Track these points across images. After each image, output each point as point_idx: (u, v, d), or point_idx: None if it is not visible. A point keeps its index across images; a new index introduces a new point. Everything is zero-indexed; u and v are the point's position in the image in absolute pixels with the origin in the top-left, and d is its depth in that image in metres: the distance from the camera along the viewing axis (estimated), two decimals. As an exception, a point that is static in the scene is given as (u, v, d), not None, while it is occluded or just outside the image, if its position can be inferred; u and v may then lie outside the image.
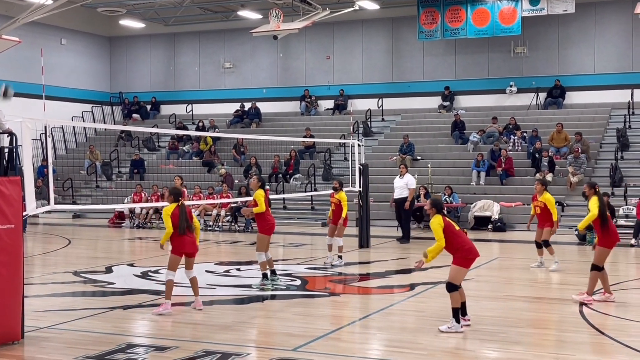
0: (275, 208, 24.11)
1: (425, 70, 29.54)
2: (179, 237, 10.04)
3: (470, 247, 8.93)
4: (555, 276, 13.39)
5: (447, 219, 8.97)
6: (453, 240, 8.85)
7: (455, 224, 9.02)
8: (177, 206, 10.06)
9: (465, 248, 8.89)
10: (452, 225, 8.93)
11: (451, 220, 9.02)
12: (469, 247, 8.92)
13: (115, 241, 20.34)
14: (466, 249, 8.89)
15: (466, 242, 8.94)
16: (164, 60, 34.02)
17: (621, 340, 8.49)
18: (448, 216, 9.08)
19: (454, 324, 8.83)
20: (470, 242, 9.00)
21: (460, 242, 8.89)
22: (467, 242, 8.95)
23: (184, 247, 10.10)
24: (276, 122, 30.64)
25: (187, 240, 10.08)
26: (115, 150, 30.17)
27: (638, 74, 26.44)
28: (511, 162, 23.67)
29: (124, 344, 8.27)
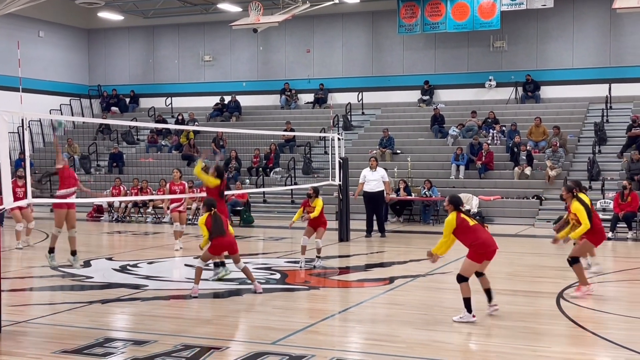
0: (255, 201, 24.14)
1: (405, 64, 29.60)
2: (216, 240, 10.72)
3: (482, 241, 9.00)
4: (533, 269, 13.49)
5: (462, 215, 9.07)
6: (466, 236, 9.02)
7: (470, 219, 9.10)
8: (209, 215, 10.78)
9: (478, 243, 8.98)
10: (465, 221, 9.04)
11: (466, 216, 9.10)
12: (481, 241, 8.99)
13: (93, 235, 20.23)
14: (478, 244, 8.98)
15: (479, 237, 9.01)
16: (143, 53, 33.82)
17: (597, 332, 8.58)
18: (465, 212, 9.15)
19: (466, 313, 8.97)
20: (484, 237, 9.05)
21: (473, 237, 9.00)
22: (480, 237, 9.02)
23: (222, 248, 10.93)
24: (256, 116, 30.59)
25: (225, 242, 10.80)
26: (94, 144, 29.98)
27: (616, 69, 26.68)
28: (491, 156, 23.79)
29: (102, 338, 8.24)
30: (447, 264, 13.76)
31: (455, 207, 9.10)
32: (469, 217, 9.16)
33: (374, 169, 18.50)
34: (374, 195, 18.42)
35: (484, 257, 9.12)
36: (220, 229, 10.70)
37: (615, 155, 23.55)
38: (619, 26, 26.78)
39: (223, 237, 10.72)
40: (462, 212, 9.12)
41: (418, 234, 19.68)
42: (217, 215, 10.80)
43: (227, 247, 10.88)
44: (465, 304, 8.99)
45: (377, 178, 18.48)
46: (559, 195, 21.43)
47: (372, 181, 18.41)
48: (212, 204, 10.95)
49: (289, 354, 7.55)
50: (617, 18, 26.26)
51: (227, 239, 10.80)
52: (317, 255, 13.72)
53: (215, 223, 10.70)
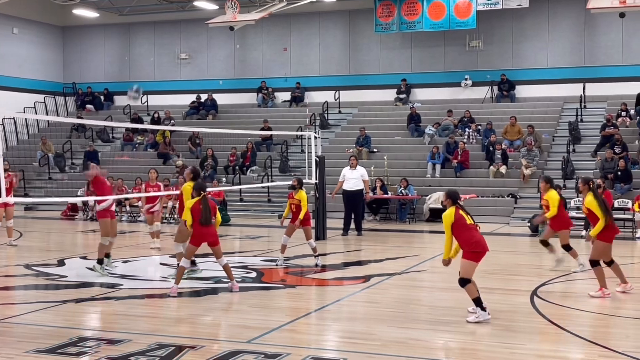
0: (231, 200, 24.07)
1: (381, 63, 29.66)
2: (200, 228, 10.48)
3: (476, 240, 8.92)
4: (508, 267, 13.58)
5: (461, 211, 8.96)
6: (462, 233, 8.91)
7: (467, 217, 8.98)
8: (198, 199, 10.48)
9: (473, 242, 8.91)
10: (463, 218, 8.94)
11: (464, 213, 8.98)
12: (475, 240, 8.92)
13: (68, 234, 20.06)
14: (472, 243, 8.91)
15: (474, 236, 8.94)
16: (118, 50, 33.59)
17: (571, 329, 8.65)
18: (463, 209, 9.03)
19: (480, 312, 8.93)
20: (479, 237, 8.97)
21: (468, 235, 8.91)
22: (475, 237, 8.94)
23: (203, 238, 10.60)
24: (233, 114, 30.50)
25: (207, 232, 10.55)
26: (69, 142, 29.72)
27: (590, 68, 26.93)
28: (467, 154, 23.91)
29: (75, 337, 8.17)
30: (423, 262, 13.82)
31: (453, 201, 9.03)
32: (466, 215, 8.99)
33: (354, 167, 18.56)
34: (353, 194, 18.51)
35: (481, 256, 8.99)
36: (206, 216, 10.44)
37: (589, 154, 23.77)
38: (593, 26, 27.04)
39: (207, 226, 10.48)
40: (460, 208, 8.99)
41: (394, 232, 19.73)
42: (206, 201, 10.53)
43: (209, 238, 10.61)
44: (477, 304, 8.93)
45: (356, 177, 18.56)
46: (533, 193, 21.68)
47: (351, 180, 18.49)
48: (202, 188, 10.66)
49: (264, 352, 7.53)
50: (591, 18, 26.51)
51: (210, 229, 10.55)
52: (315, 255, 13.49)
53: (203, 209, 10.44)
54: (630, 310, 9.92)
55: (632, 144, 23.28)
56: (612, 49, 26.82)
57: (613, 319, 9.39)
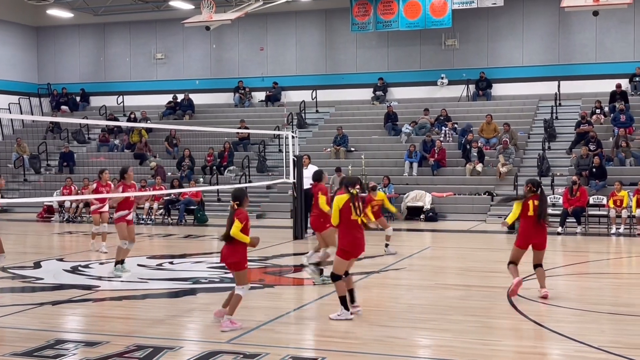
0: (209, 200, 24.01)
1: (358, 62, 29.73)
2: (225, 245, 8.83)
3: (351, 239, 8.86)
4: (486, 264, 13.67)
5: (352, 203, 8.80)
6: (342, 226, 8.91)
7: (354, 211, 8.80)
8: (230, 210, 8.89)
9: (346, 240, 8.87)
10: (349, 211, 8.82)
11: (353, 207, 8.81)
12: (350, 239, 8.86)
13: (44, 236, 19.90)
14: (347, 241, 8.87)
15: (351, 233, 8.86)
16: (94, 50, 33.36)
17: (547, 325, 8.73)
18: (356, 201, 8.84)
19: (344, 311, 8.96)
20: (355, 236, 8.88)
21: (343, 232, 8.89)
22: (351, 235, 8.86)
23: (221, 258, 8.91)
24: (209, 114, 30.41)
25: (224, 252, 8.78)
26: (44, 143, 29.48)
27: (565, 66, 27.19)
28: (443, 153, 24.04)
29: (52, 340, 8.10)
30: (401, 260, 13.87)
31: (346, 189, 8.92)
32: (355, 209, 8.80)
33: (306, 166, 18.30)
34: (306, 193, 18.20)
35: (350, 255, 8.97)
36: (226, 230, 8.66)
37: (564, 152, 24.00)
38: (568, 25, 27.30)
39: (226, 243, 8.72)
40: (353, 200, 8.82)
41: (372, 231, 19.70)
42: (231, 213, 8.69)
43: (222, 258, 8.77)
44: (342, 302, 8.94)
45: (309, 175, 18.32)
46: (509, 191, 21.83)
47: (306, 178, 18.20)
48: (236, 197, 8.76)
49: (243, 352, 7.52)
50: (566, 16, 26.76)
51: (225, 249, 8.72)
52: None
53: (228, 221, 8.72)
54: (605, 306, 10.03)
55: (606, 140, 23.52)
56: (586, 47, 27.10)
57: (589, 314, 9.48)
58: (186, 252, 15.64)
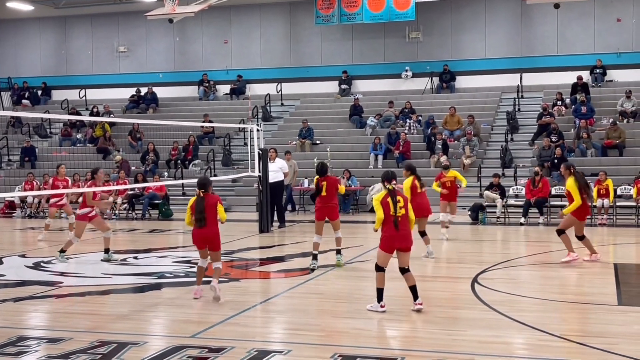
0: (174, 195, 23.84)
1: (323, 55, 29.71)
2: (198, 229, 9.83)
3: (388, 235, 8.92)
4: (449, 255, 13.79)
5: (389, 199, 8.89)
6: (384, 221, 8.93)
7: (393, 207, 8.85)
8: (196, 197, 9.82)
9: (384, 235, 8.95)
10: (388, 206, 8.89)
11: (392, 202, 8.90)
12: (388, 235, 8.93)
13: (5, 232, 19.61)
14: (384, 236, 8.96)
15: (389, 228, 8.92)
16: (55, 44, 32.89)
17: (510, 315, 8.83)
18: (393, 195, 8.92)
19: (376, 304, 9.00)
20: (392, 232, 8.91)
21: (384, 227, 8.93)
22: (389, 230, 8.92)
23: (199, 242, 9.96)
24: (173, 107, 30.19)
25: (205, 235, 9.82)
26: (5, 138, 29.02)
27: (527, 59, 27.46)
28: (408, 145, 24.14)
29: (15, 337, 8.00)
30: (366, 253, 13.92)
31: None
32: (393, 205, 8.86)
33: (272, 160, 18.36)
34: (272, 186, 18.23)
35: (391, 250, 9.09)
36: (198, 216, 9.69)
37: (527, 143, 24.26)
38: (529, 17, 27.58)
39: (201, 228, 9.74)
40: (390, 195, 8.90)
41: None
42: (202, 200, 9.73)
43: (207, 242, 9.92)
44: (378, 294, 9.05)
45: (275, 169, 18.44)
46: (473, 182, 22.00)
47: (271, 172, 18.26)
48: (202, 185, 9.83)
49: (208, 346, 7.50)
50: (527, 9, 27.03)
51: (206, 231, 9.79)
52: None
53: (197, 208, 9.72)
54: (568, 295, 10.17)
55: (568, 132, 23.82)
56: (548, 39, 27.40)
57: (551, 303, 9.61)
58: (151, 246, 15.54)
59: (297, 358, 7.09)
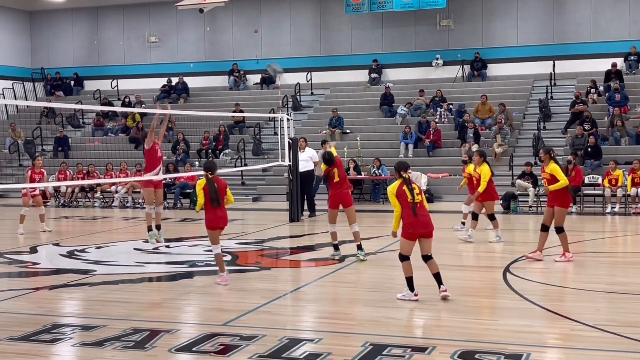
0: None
1: (353, 44, 29.62)
2: (212, 211, 10.16)
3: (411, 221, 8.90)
4: (481, 245, 13.71)
5: (405, 187, 8.96)
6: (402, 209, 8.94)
7: (409, 194, 8.92)
8: (206, 179, 10.16)
9: (407, 221, 8.91)
10: (405, 194, 8.93)
11: (407, 190, 8.95)
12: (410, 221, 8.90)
13: (39, 221, 19.85)
14: (407, 223, 8.92)
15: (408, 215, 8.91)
16: (87, 34, 33.17)
17: (543, 304, 8.77)
18: (408, 183, 9.00)
19: (408, 292, 8.99)
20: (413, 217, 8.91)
21: (405, 213, 8.92)
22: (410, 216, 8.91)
23: (218, 222, 10.27)
24: (204, 97, 30.32)
25: (220, 215, 10.25)
26: (38, 128, 29.39)
27: (559, 46, 27.11)
28: (439, 134, 24.02)
29: (49, 324, 8.12)
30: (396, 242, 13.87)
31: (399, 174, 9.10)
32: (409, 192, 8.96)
33: (302, 149, 18.33)
34: (302, 176, 18.25)
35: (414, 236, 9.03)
36: (214, 196, 10.08)
37: (559, 131, 24.00)
38: (562, 3, 27.21)
39: (217, 208, 10.14)
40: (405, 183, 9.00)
41: (368, 213, 19.79)
42: (212, 182, 10.15)
43: (222, 221, 10.30)
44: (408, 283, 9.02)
45: (305, 158, 18.44)
46: (505, 171, 21.86)
47: (301, 161, 18.26)
48: (209, 168, 10.27)
49: (240, 334, 7.55)
50: (560, -4, 26.70)
51: (221, 212, 10.25)
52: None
53: (211, 190, 10.09)
54: (600, 284, 10.07)
55: (601, 120, 23.52)
56: (581, 26, 27.02)
57: (584, 293, 9.52)
58: (182, 235, 15.66)
59: (328, 346, 7.11)
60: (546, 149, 11.97)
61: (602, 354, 6.90)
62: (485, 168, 13.97)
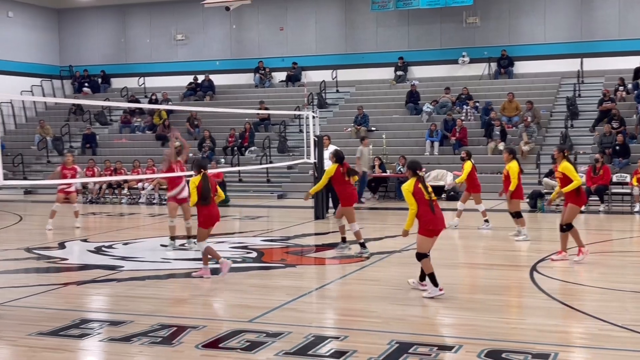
0: (230, 181, 24.09)
1: (378, 41, 29.56)
2: (206, 208, 10.34)
3: (430, 218, 8.93)
4: (507, 243, 13.63)
5: (420, 185, 8.99)
6: (418, 207, 8.95)
7: (426, 191, 8.99)
8: (200, 177, 10.30)
9: (426, 219, 8.92)
10: (421, 192, 8.95)
11: (423, 187, 8.99)
12: (428, 218, 8.92)
13: (67, 217, 20.01)
14: (426, 220, 8.93)
15: (427, 212, 8.93)
16: (114, 32, 33.44)
17: (570, 303, 8.70)
18: (423, 181, 9.06)
19: (432, 288, 9.01)
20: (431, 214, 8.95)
21: (422, 210, 8.93)
22: (428, 213, 8.94)
23: (213, 220, 10.50)
24: (230, 95, 30.43)
25: (214, 213, 10.49)
26: (67, 125, 29.69)
27: (587, 43, 26.84)
28: (465, 132, 23.91)
29: (78, 319, 8.21)
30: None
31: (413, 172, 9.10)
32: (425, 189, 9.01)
33: (326, 147, 18.27)
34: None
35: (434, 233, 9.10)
36: (207, 194, 10.32)
37: (587, 129, 23.78)
38: (590, 0, 26.93)
39: (210, 205, 10.36)
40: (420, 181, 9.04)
41: (393, 211, 19.76)
42: (207, 180, 10.38)
43: (215, 219, 10.54)
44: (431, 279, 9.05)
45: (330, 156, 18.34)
46: (532, 169, 21.71)
47: (326, 160, 18.16)
48: (202, 166, 10.55)
49: (266, 331, 7.58)
50: (588, -7, 26.43)
51: (215, 209, 10.51)
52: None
53: (204, 187, 10.31)
54: (629, 284, 9.97)
55: (629, 118, 23.27)
56: (609, 23, 26.73)
57: (612, 292, 9.43)
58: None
59: (354, 344, 7.11)
60: (560, 147, 11.84)
61: (630, 354, 6.83)
62: (514, 165, 14.08)
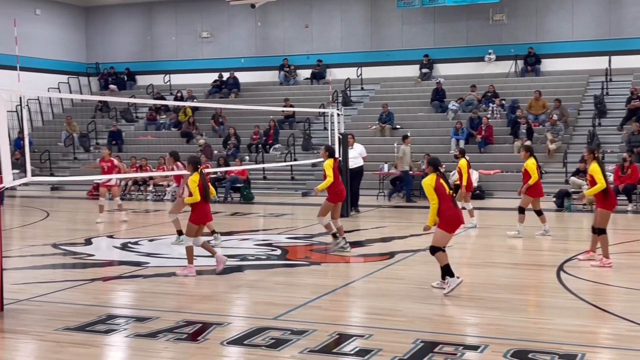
0: (255, 178, 24.14)
1: (404, 39, 29.45)
2: (203, 205, 10.42)
3: (452, 214, 8.93)
4: (534, 243, 13.52)
5: (442, 180, 8.99)
6: (440, 202, 8.95)
7: (447, 186, 9.01)
8: (199, 175, 10.39)
9: (448, 214, 8.92)
10: (443, 187, 8.96)
11: (445, 183, 9.01)
12: (451, 213, 8.93)
13: (94, 213, 20.15)
14: (448, 215, 8.91)
15: (450, 207, 8.94)
16: (141, 30, 33.64)
17: (597, 304, 8.61)
18: (444, 177, 9.07)
19: (450, 279, 9.02)
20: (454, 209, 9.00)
21: (444, 206, 8.93)
22: (450, 208, 8.95)
23: (206, 217, 10.66)
24: (255, 92, 30.49)
25: (208, 210, 10.65)
26: (93, 122, 29.93)
27: (615, 41, 26.54)
28: (491, 130, 23.75)
29: (104, 315, 8.26)
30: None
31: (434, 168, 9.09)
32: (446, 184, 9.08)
33: (351, 146, 18.24)
34: (352, 171, 18.17)
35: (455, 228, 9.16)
36: (207, 192, 10.48)
37: (615, 128, 23.51)
38: (618, -3, 26.66)
39: (205, 203, 10.49)
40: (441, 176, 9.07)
41: (418, 209, 19.67)
42: (204, 176, 10.52)
43: (209, 216, 10.76)
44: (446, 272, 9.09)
45: (354, 155, 18.38)
46: (559, 168, 21.52)
47: (351, 158, 18.19)
48: (198, 163, 10.61)
49: (291, 328, 7.57)
50: (617, -10, 26.13)
51: (209, 207, 10.68)
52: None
53: (204, 184, 10.42)
54: (657, 285, 9.84)
55: (659, 117, 22.96)
56: (638, 20, 26.40)
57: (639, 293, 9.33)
58: (233, 229, 15.78)
59: (379, 342, 7.08)
60: (590, 148, 11.60)
61: (659, 356, 6.74)
62: (531, 161, 14.23)
